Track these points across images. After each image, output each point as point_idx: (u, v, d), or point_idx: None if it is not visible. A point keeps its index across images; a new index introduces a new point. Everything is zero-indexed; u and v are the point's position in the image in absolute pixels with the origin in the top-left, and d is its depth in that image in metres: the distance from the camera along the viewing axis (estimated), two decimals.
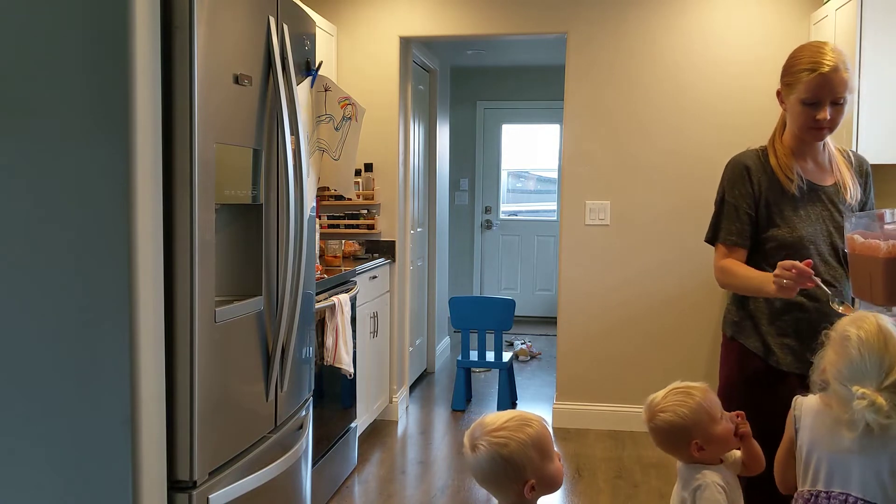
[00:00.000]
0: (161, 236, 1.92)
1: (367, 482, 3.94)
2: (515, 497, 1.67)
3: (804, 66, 2.13)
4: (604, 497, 3.74)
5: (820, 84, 2.10)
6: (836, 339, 1.76)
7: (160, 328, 1.93)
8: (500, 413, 1.73)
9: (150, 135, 1.87)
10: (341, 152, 3.03)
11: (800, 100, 2.15)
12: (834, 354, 1.75)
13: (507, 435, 1.65)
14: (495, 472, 1.65)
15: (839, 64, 2.10)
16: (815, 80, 2.10)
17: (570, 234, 4.71)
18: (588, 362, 4.74)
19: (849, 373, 1.69)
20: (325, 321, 3.53)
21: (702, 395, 1.89)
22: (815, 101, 2.13)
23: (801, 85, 2.13)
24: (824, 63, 2.10)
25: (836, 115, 2.14)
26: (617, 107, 4.64)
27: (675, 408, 1.88)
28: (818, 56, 2.11)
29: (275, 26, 2.35)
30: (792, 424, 1.87)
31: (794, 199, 2.24)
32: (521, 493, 1.65)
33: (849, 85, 2.11)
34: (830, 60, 2.10)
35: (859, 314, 1.80)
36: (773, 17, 4.46)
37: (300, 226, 2.44)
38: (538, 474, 1.65)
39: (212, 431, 2.07)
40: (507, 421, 1.67)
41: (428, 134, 6.02)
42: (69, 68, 1.83)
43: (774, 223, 2.25)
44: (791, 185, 2.23)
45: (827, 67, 2.09)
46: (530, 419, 1.69)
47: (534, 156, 8.33)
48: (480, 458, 1.65)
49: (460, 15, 4.75)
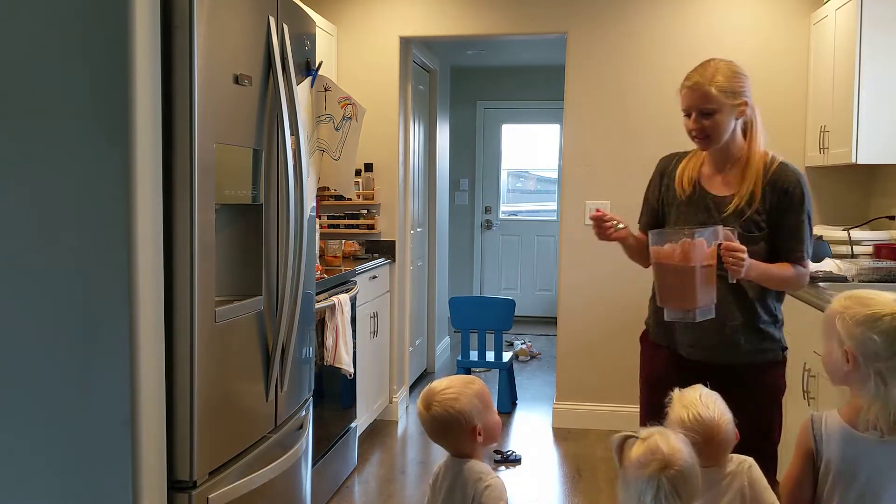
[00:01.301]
0: (161, 236, 1.92)
1: (367, 482, 3.94)
2: (467, 444, 1.97)
3: (682, 82, 2.38)
4: (604, 497, 3.74)
5: (684, 96, 2.36)
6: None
7: (160, 328, 1.93)
8: (443, 378, 2.04)
9: (150, 135, 1.87)
10: (341, 152, 3.03)
11: (681, 110, 2.40)
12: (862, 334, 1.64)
13: (457, 391, 1.97)
14: (449, 423, 1.94)
15: (702, 79, 2.32)
16: (683, 92, 2.37)
17: (570, 234, 4.71)
18: (588, 362, 4.74)
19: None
20: (325, 321, 3.53)
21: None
22: (686, 111, 2.37)
23: (680, 97, 2.39)
24: (689, 78, 2.35)
25: (710, 124, 2.32)
26: (617, 107, 4.63)
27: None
28: (692, 73, 2.37)
29: (275, 26, 2.35)
30: (810, 442, 1.75)
31: (680, 205, 2.45)
32: (472, 438, 1.95)
33: (712, 97, 2.29)
34: (696, 75, 2.34)
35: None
36: (773, 16, 4.46)
37: (300, 226, 2.44)
38: (483, 421, 1.97)
39: (212, 431, 2.07)
40: (453, 381, 2.01)
41: (428, 134, 6.02)
42: (69, 68, 1.83)
43: (668, 222, 2.51)
44: (681, 193, 2.45)
45: (690, 82, 2.34)
46: (472, 378, 2.03)
47: (534, 156, 8.33)
48: (436, 414, 1.95)
49: (460, 15, 4.74)
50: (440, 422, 1.96)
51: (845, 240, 3.88)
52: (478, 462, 1.99)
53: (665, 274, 2.28)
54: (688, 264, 2.19)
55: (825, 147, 4.05)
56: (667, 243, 2.25)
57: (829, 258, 3.64)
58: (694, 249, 2.18)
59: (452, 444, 2.00)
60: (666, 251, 2.24)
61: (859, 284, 3.35)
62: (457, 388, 1.98)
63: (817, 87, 4.26)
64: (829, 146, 4.00)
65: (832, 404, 2.83)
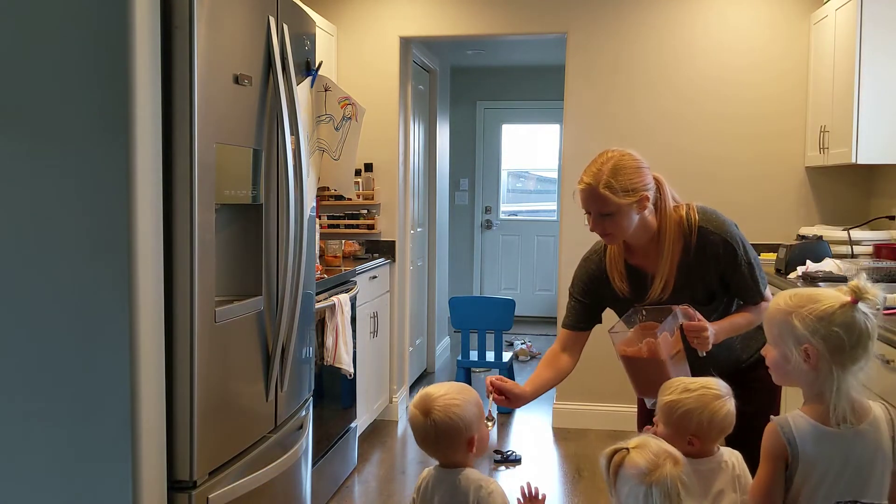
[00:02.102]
0: (161, 236, 1.92)
1: (367, 482, 3.94)
2: (461, 454, 1.89)
3: (580, 178, 2.23)
4: (604, 497, 3.74)
5: (581, 198, 2.22)
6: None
7: (160, 328, 1.93)
8: (438, 384, 1.94)
9: (150, 135, 1.87)
10: (341, 152, 3.03)
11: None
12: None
13: (456, 397, 1.88)
14: (449, 431, 1.86)
15: (597, 181, 2.17)
16: (579, 194, 2.23)
17: (570, 234, 4.71)
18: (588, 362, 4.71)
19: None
20: (325, 321, 3.53)
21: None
22: (586, 211, 2.24)
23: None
24: (583, 180, 2.21)
25: (610, 224, 2.20)
26: (617, 106, 4.64)
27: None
28: (584, 173, 2.22)
29: (275, 26, 2.35)
30: (782, 447, 1.72)
31: (625, 300, 2.34)
32: (467, 448, 1.88)
33: (607, 200, 2.16)
34: (588, 178, 2.20)
35: None
36: (773, 16, 4.46)
37: (300, 226, 2.44)
38: (479, 432, 1.90)
39: (211, 431, 2.07)
40: (450, 388, 1.92)
41: (428, 134, 6.02)
42: (69, 68, 1.83)
43: (618, 312, 2.38)
44: (623, 290, 2.34)
45: (582, 184, 2.20)
46: (466, 386, 1.96)
47: (534, 156, 8.33)
48: (438, 420, 1.85)
49: (460, 15, 4.74)
50: (440, 429, 1.86)
51: (845, 240, 3.88)
52: (472, 470, 1.91)
53: (636, 370, 2.22)
54: (658, 357, 2.14)
55: (825, 147, 4.05)
56: (629, 340, 2.20)
57: (829, 258, 3.64)
58: (660, 346, 2.14)
59: (445, 452, 1.91)
60: (633, 350, 2.19)
61: None
62: (455, 394, 1.89)
63: (817, 87, 4.26)
64: (829, 146, 4.00)
65: None
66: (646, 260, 2.32)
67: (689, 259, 2.26)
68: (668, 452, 1.68)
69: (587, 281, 2.41)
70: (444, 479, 1.90)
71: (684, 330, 2.16)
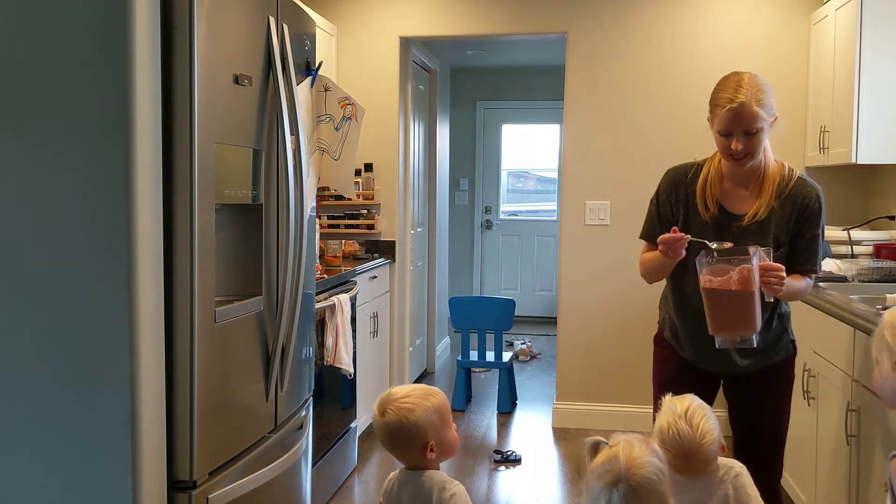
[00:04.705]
0: (161, 236, 1.92)
1: (367, 482, 3.94)
2: (417, 457, 1.89)
3: (720, 102, 2.28)
4: None
5: (730, 119, 2.25)
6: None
7: (160, 328, 1.93)
8: (405, 385, 1.95)
9: (150, 134, 1.87)
10: (341, 152, 3.03)
11: (717, 131, 2.32)
12: None
13: (414, 402, 1.88)
14: (401, 434, 1.87)
15: (749, 98, 2.23)
16: (726, 115, 2.25)
17: (570, 234, 4.71)
18: (588, 362, 4.74)
19: None
20: (325, 321, 3.53)
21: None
22: (728, 132, 2.28)
23: (717, 118, 2.30)
24: (735, 99, 2.24)
25: (751, 143, 2.26)
26: (617, 106, 4.63)
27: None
28: (731, 93, 2.26)
29: (275, 26, 2.35)
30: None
31: (704, 224, 2.38)
32: (423, 452, 1.87)
33: (759, 116, 2.23)
34: (741, 96, 2.23)
35: None
36: (773, 16, 4.46)
37: (300, 226, 2.44)
38: (438, 437, 1.89)
39: (212, 431, 2.07)
40: (413, 390, 1.91)
41: (428, 134, 6.02)
42: (69, 68, 1.83)
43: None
44: (706, 213, 2.38)
45: (736, 104, 2.23)
46: (433, 391, 1.93)
47: (534, 156, 8.33)
48: (389, 422, 1.87)
49: (460, 15, 4.74)
50: (392, 430, 1.87)
51: (845, 240, 3.88)
52: (436, 472, 1.91)
53: (721, 301, 2.16)
54: (748, 289, 2.12)
55: (825, 147, 4.05)
56: (718, 269, 2.16)
57: (829, 258, 3.64)
58: (753, 275, 2.12)
59: (403, 455, 1.92)
60: (719, 280, 2.15)
61: (859, 285, 3.35)
62: (415, 398, 1.88)
63: (817, 87, 4.26)
64: (829, 146, 4.00)
65: (833, 405, 2.84)
66: (735, 193, 2.37)
67: (777, 203, 2.31)
68: (620, 467, 1.56)
69: (671, 188, 2.47)
70: (409, 481, 1.91)
71: (763, 269, 2.16)
